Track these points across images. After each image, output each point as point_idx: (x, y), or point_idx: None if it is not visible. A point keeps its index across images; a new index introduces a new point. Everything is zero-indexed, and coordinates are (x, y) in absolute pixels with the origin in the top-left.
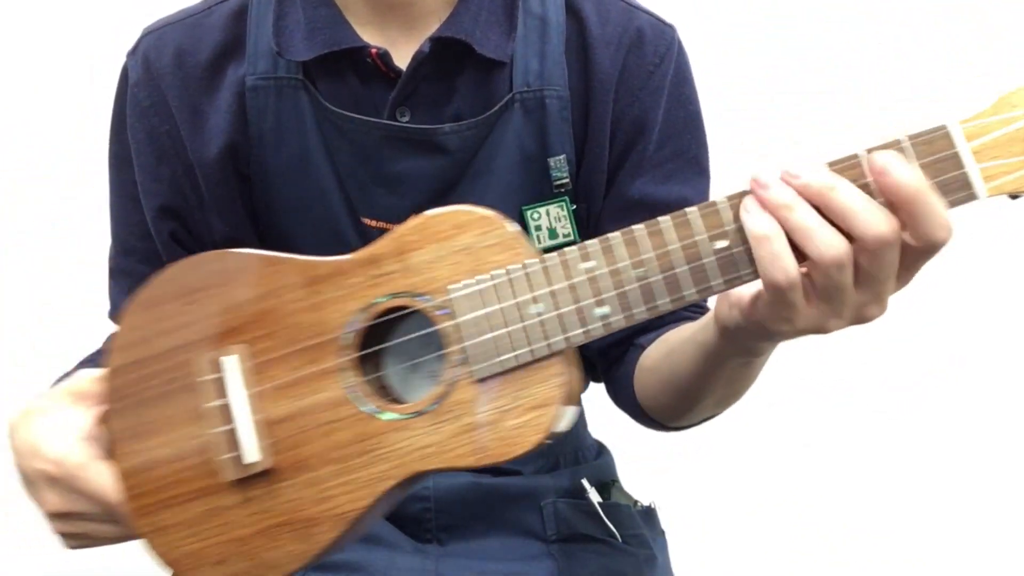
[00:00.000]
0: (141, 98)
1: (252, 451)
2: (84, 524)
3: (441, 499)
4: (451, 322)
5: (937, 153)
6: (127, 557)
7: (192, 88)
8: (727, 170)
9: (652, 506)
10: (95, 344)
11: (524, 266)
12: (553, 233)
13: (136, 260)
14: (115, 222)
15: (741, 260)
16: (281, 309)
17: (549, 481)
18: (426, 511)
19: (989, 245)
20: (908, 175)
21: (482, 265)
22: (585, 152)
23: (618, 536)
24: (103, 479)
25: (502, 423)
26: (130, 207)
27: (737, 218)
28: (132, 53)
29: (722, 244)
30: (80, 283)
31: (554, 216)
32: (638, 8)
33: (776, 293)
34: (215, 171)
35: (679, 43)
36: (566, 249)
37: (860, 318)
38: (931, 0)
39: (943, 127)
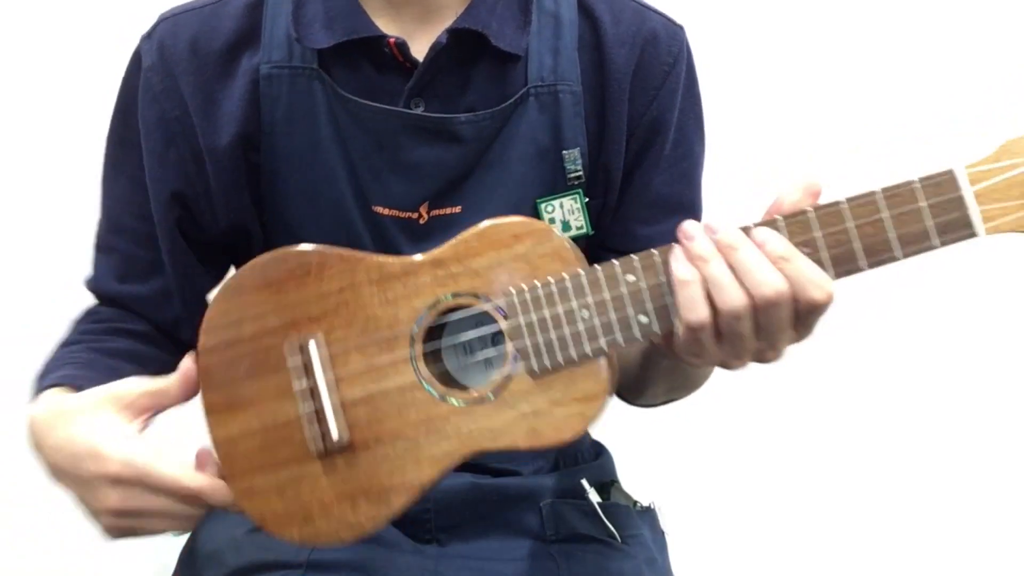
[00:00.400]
0: (154, 82)
1: (335, 429)
2: (143, 520)
3: (441, 500)
4: (510, 322)
5: (943, 195)
6: (123, 559)
7: (206, 75)
8: (732, 170)
9: (652, 506)
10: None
11: (575, 276)
12: (567, 226)
13: (126, 239)
14: (109, 199)
15: None
16: (357, 302)
17: (548, 482)
18: (426, 511)
19: (988, 252)
20: (776, 247)
21: (537, 272)
22: (601, 147)
23: (618, 537)
24: (176, 469)
25: (553, 412)
26: (129, 187)
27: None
28: (147, 37)
29: None
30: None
31: (568, 209)
32: (650, 9)
33: (690, 332)
34: (225, 159)
35: (688, 44)
36: (613, 262)
37: (759, 360)
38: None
39: (950, 171)
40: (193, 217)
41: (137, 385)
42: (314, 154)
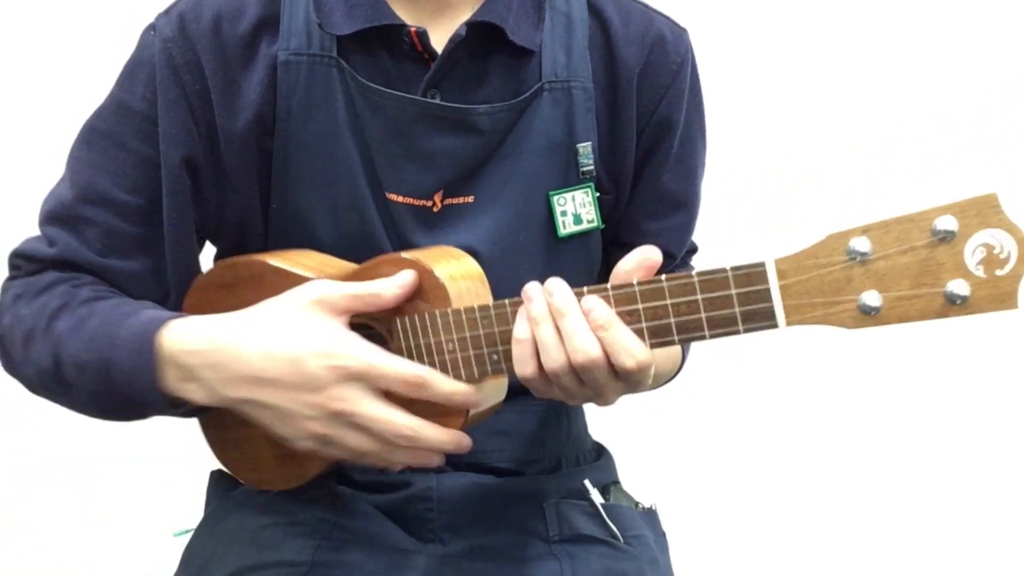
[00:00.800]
0: (175, 54)
1: None
2: (363, 414)
3: (444, 499)
4: (395, 344)
5: (752, 285)
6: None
7: (227, 57)
8: (731, 170)
9: (653, 507)
10: None
11: (444, 314)
12: (578, 219)
13: (109, 212)
14: (89, 169)
15: None
16: None
17: (551, 482)
18: (429, 511)
19: None
20: (599, 316)
21: (417, 305)
22: (612, 144)
23: (620, 537)
24: (398, 360)
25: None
26: (123, 157)
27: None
28: (164, 14)
29: None
30: None
31: (579, 202)
32: (655, 12)
33: (522, 381)
34: (238, 142)
35: (692, 47)
36: (477, 306)
37: (592, 402)
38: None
39: (762, 264)
40: (198, 191)
41: (335, 287)
42: (330, 141)
